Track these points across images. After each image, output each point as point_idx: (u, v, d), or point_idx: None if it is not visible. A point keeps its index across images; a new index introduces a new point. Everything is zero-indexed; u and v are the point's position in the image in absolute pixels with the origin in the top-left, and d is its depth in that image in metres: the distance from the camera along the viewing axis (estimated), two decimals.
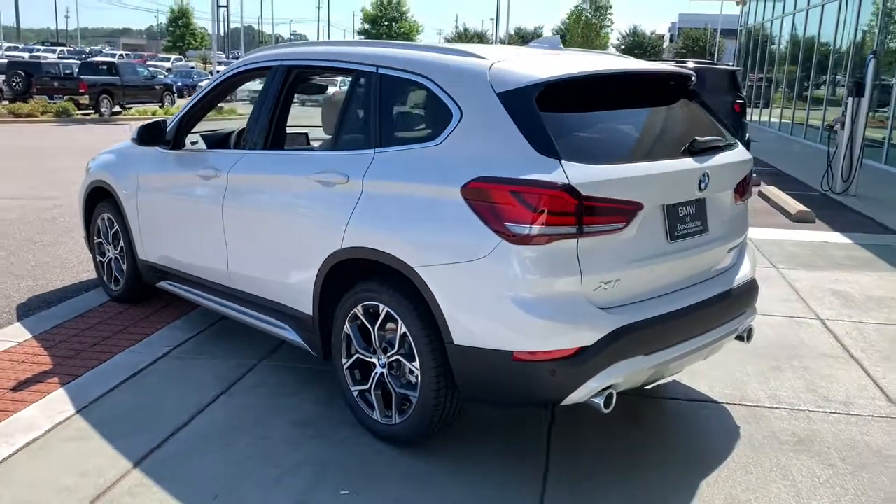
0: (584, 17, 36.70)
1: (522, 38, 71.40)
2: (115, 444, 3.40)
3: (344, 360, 3.57)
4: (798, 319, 5.33)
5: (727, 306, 3.50)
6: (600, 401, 3.01)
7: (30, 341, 4.62)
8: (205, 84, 4.66)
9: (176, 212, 4.61)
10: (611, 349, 2.97)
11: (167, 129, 4.63)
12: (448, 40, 74.48)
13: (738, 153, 3.67)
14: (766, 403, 3.96)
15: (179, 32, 61.69)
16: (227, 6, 64.11)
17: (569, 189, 2.86)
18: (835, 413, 3.88)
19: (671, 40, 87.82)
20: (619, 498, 3.09)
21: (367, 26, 64.33)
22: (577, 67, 3.31)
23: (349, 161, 3.52)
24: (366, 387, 3.50)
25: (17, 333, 4.75)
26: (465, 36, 71.71)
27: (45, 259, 6.63)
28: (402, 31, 64.11)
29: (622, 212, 3.01)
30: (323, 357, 3.73)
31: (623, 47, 70.72)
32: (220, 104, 4.73)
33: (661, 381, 3.84)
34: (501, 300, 2.95)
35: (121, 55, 62.39)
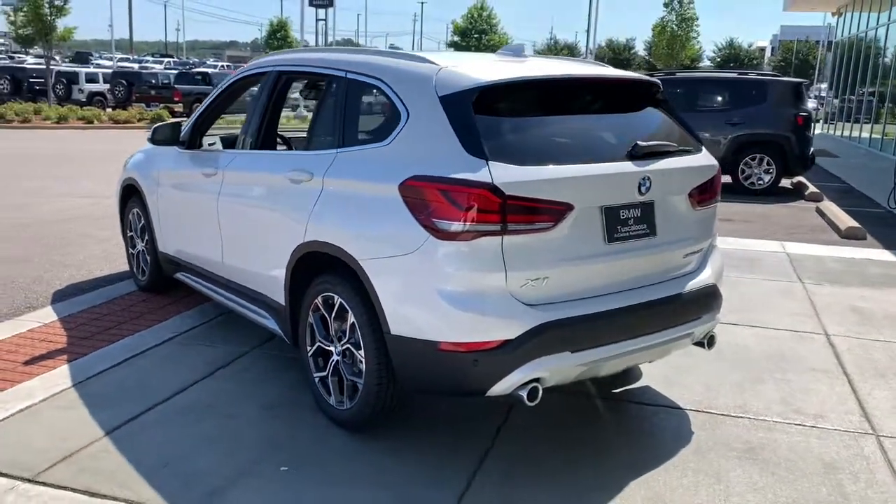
0: (668, 29, 35.95)
1: (613, 50, 70.65)
2: (96, 415, 3.73)
3: (308, 348, 3.79)
4: (802, 333, 5.21)
5: (676, 311, 3.53)
6: (524, 393, 3.11)
7: (54, 323, 5.06)
8: (213, 91, 5.00)
9: (185, 207, 4.96)
10: (533, 344, 3.07)
11: (183, 131, 4.99)
12: (537, 52, 74.48)
13: (697, 158, 3.69)
14: (732, 413, 3.94)
15: (277, 45, 64.09)
16: (325, 20, 65.83)
17: (492, 188, 2.99)
18: (800, 425, 3.82)
19: (772, 52, 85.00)
20: (542, 492, 3.17)
21: (456, 38, 65.01)
22: (521, 72, 3.43)
23: (316, 160, 3.75)
24: (325, 373, 3.70)
25: (46, 316, 5.20)
26: (554, 48, 71.46)
27: (95, 251, 7.17)
28: (492, 43, 64.42)
29: (549, 212, 3.11)
30: (294, 345, 3.97)
31: (718, 60, 68.91)
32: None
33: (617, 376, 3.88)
34: (429, 293, 3.11)
35: (221, 66, 65.45)
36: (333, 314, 3.58)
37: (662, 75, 14.06)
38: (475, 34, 63.74)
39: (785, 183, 12.91)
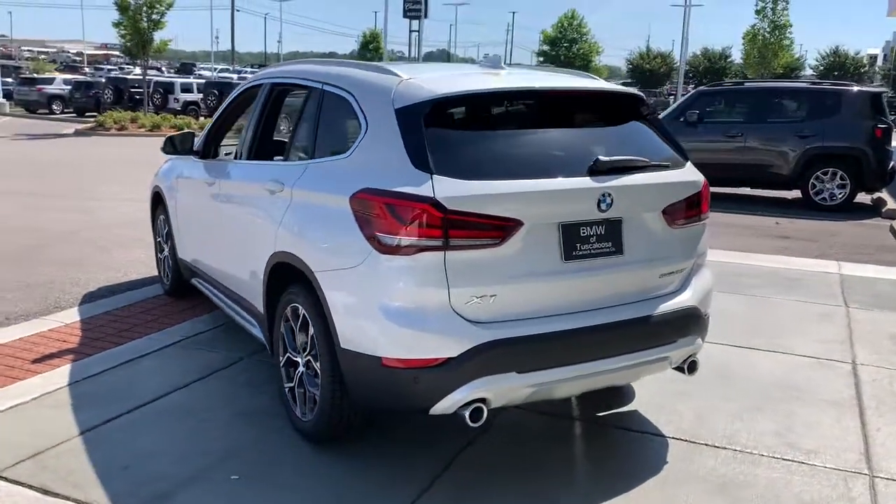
0: (760, 37, 34.51)
1: (709, 59, 68.54)
2: (78, 414, 3.87)
3: (280, 358, 3.82)
4: (827, 361, 4.88)
5: (645, 333, 3.37)
6: (466, 413, 3.03)
7: (75, 323, 5.29)
8: (224, 102, 5.13)
9: (194, 214, 5.11)
10: (476, 362, 2.99)
11: (196, 141, 5.14)
12: (628, 61, 73.06)
13: (676, 174, 3.52)
14: (717, 443, 3.72)
15: (369, 56, 65.45)
16: (418, 31, 66.94)
17: (434, 203, 2.94)
18: (787, 460, 3.57)
19: (884, 60, 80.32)
20: None
21: (546, 48, 64.67)
22: (483, 84, 3.36)
23: (290, 171, 3.79)
24: (293, 384, 3.72)
25: (69, 316, 5.45)
26: (647, 56, 69.88)
27: (140, 256, 7.47)
28: (581, 52, 63.75)
29: (495, 227, 3.02)
30: (271, 353, 4.00)
31: (822, 68, 65.81)
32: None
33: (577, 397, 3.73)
34: (372, 308, 3.08)
35: None
36: (299, 325, 3.60)
37: (730, 85, 13.55)
38: (565, 43, 63.24)
39: (864, 199, 12.19)
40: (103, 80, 35.22)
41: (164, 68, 65.66)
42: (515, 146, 3.34)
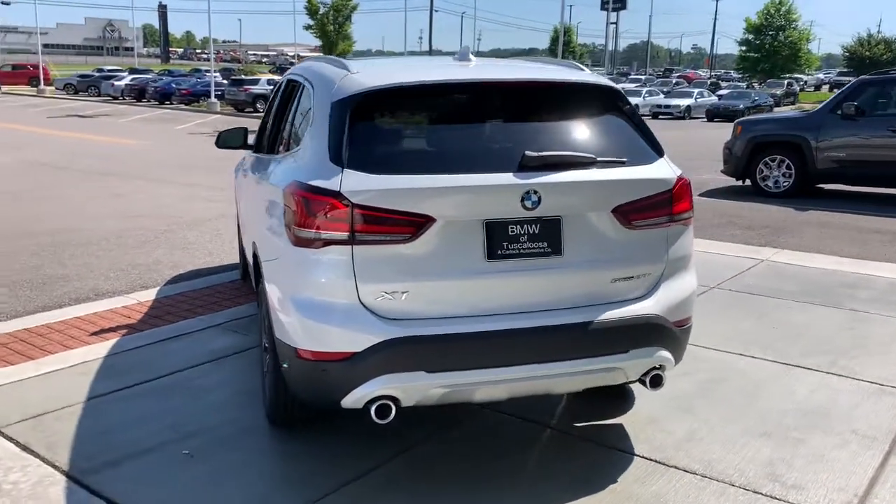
0: None
1: None
2: (94, 384, 4.28)
3: (262, 343, 3.99)
4: (889, 389, 4.24)
5: (585, 341, 3.14)
6: (373, 409, 3.01)
7: (147, 302, 5.83)
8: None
9: (241, 204, 5.44)
10: (381, 359, 2.96)
11: (248, 135, 5.47)
12: (843, 48, 66.35)
13: (628, 172, 3.22)
14: (688, 468, 3.39)
15: (562, 51, 64.98)
16: (615, 23, 65.24)
17: (339, 196, 2.94)
18: (761, 495, 3.18)
19: None
20: None
21: (749, 37, 60.62)
22: (425, 77, 3.29)
23: (270, 164, 3.95)
24: (265, 369, 3.87)
25: (147, 295, 6.01)
26: (867, 42, 62.91)
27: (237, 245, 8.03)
28: (790, 40, 59.03)
29: (404, 223, 2.96)
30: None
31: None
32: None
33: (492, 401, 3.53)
34: (289, 299, 3.14)
35: None
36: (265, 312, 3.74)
37: (878, 75, 11.96)
38: (770, 31, 58.91)
39: None
40: None
41: None
42: (443, 140, 3.24)
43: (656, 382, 3.32)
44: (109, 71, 51.57)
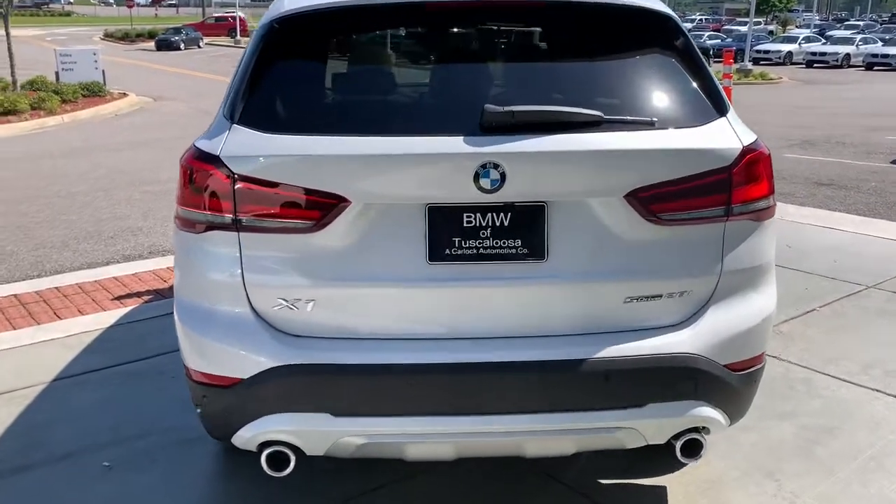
0: None
1: None
2: (80, 359, 3.87)
3: None
4: None
5: (572, 386, 2.13)
6: (263, 456, 2.21)
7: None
8: None
9: None
10: (273, 390, 2.15)
11: None
12: None
13: (660, 137, 2.12)
14: None
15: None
16: None
17: (216, 162, 2.12)
18: None
19: None
20: None
21: None
22: None
23: None
24: None
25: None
26: None
27: None
28: None
29: (304, 204, 2.09)
30: None
31: None
32: None
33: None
34: (175, 300, 2.40)
35: (701, 19, 64.22)
36: None
37: None
38: None
39: None
40: None
41: None
42: (382, 89, 2.31)
43: (692, 451, 2.25)
44: None
